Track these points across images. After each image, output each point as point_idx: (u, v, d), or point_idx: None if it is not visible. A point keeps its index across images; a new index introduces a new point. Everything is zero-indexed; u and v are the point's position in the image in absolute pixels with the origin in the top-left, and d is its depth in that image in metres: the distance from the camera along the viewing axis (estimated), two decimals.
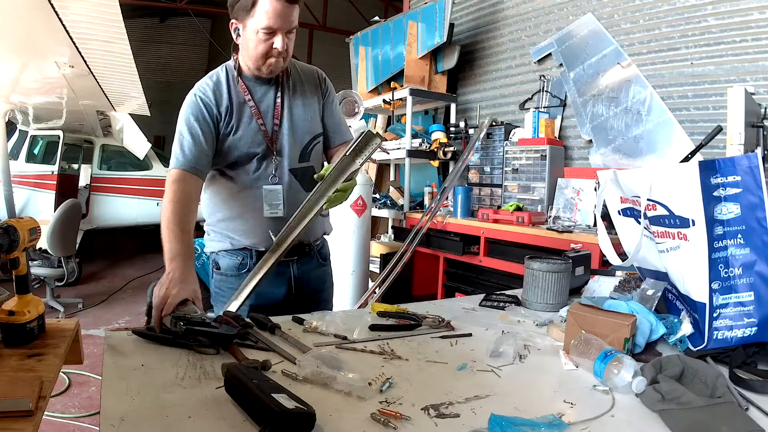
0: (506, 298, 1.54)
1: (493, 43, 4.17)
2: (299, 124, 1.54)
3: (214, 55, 13.25)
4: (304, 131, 1.55)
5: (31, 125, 6.11)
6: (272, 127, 1.50)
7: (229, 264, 1.55)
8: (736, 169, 1.08)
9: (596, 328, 1.07)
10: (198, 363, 0.98)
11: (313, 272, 1.62)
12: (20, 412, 0.73)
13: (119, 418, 0.76)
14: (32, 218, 1.05)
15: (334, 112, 1.65)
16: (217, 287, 1.58)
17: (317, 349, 1.05)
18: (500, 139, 3.56)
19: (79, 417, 2.75)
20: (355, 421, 0.79)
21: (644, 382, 0.90)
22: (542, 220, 3.05)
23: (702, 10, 2.80)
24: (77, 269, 5.64)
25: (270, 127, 1.50)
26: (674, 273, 1.22)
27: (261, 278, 1.40)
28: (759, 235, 1.07)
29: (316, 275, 1.64)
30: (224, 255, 1.55)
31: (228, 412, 0.80)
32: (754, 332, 1.07)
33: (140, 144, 6.49)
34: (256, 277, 1.40)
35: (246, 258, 1.53)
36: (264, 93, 1.51)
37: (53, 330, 1.04)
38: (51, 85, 4.53)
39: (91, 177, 6.65)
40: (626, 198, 1.38)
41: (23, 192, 6.00)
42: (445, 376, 0.99)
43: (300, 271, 1.58)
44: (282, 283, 1.56)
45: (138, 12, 11.73)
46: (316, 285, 1.64)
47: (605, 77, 3.25)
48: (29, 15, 3.10)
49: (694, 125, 2.81)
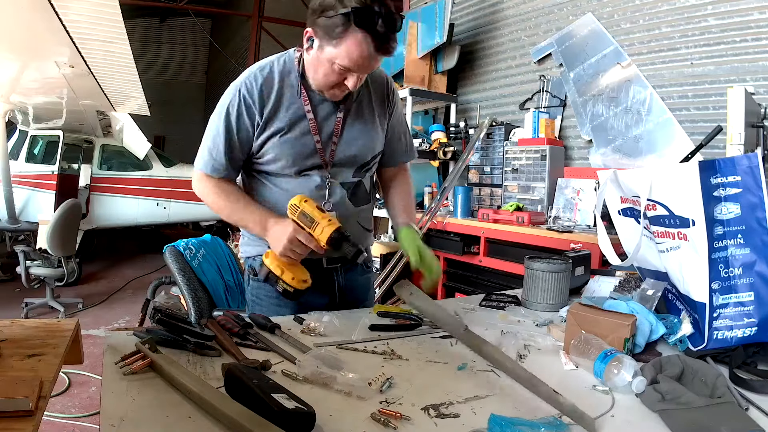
0: (506, 298, 1.54)
1: (493, 43, 4.17)
2: (359, 144, 1.41)
3: (214, 55, 13.26)
4: (363, 151, 1.43)
5: (31, 125, 6.12)
6: (329, 145, 1.38)
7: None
8: (736, 169, 1.08)
9: (596, 328, 1.07)
10: (198, 363, 0.98)
11: (357, 280, 1.54)
12: (20, 412, 0.73)
13: (119, 418, 0.76)
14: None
15: (396, 128, 1.53)
16: (254, 295, 1.47)
17: (317, 349, 1.05)
18: (500, 139, 3.56)
19: (79, 417, 2.75)
20: (355, 421, 0.79)
21: (644, 382, 0.90)
22: (542, 220, 3.05)
23: (702, 10, 2.79)
24: (77, 269, 5.64)
25: (326, 144, 1.38)
26: (674, 273, 1.22)
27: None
28: (759, 235, 1.07)
29: (361, 283, 1.56)
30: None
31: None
32: (754, 332, 1.07)
33: (140, 144, 6.50)
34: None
35: None
36: (323, 105, 1.37)
37: (53, 330, 1.04)
38: (51, 85, 4.54)
39: (91, 177, 6.65)
40: (626, 198, 1.38)
41: (23, 192, 6.00)
42: (445, 376, 0.99)
43: (344, 279, 1.50)
44: (326, 292, 1.48)
45: (138, 12, 11.74)
46: (360, 293, 1.56)
47: (605, 77, 3.25)
48: (29, 15, 3.11)
49: (694, 125, 2.80)
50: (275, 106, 1.33)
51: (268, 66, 1.35)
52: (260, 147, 1.36)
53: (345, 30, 1.17)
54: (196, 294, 1.79)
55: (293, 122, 1.34)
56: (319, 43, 1.24)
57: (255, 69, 1.35)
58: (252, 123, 1.33)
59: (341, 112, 1.38)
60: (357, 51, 1.19)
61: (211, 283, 1.88)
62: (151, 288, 3.69)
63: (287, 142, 1.34)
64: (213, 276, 1.90)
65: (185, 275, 1.80)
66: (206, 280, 1.86)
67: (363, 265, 1.55)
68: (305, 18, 1.28)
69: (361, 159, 1.44)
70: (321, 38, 1.22)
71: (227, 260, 2.00)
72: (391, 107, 1.50)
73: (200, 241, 1.95)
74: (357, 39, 1.17)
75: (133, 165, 6.83)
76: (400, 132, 1.55)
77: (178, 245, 1.87)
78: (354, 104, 1.41)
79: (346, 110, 1.39)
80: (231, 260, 2.01)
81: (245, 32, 11.44)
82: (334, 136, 1.38)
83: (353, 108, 1.41)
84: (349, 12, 1.15)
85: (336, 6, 1.17)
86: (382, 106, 1.47)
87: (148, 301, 3.44)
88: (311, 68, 1.30)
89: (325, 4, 1.19)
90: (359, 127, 1.42)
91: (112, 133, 6.60)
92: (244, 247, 1.51)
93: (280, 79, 1.34)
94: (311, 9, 1.23)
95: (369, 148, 1.45)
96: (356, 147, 1.41)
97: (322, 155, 1.37)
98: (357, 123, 1.41)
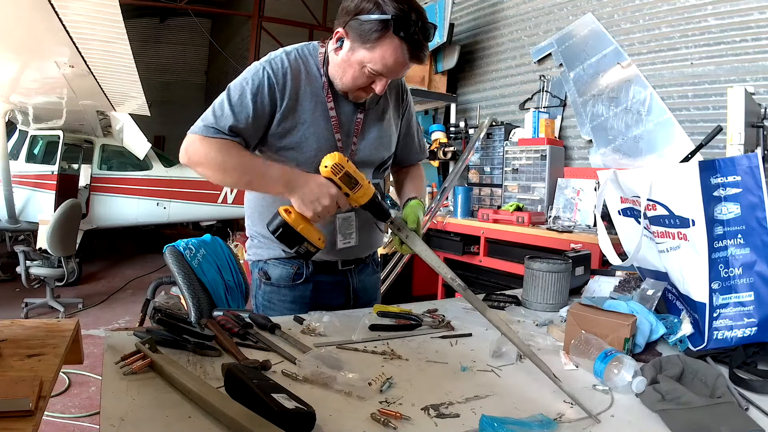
0: (506, 298, 1.54)
1: (493, 43, 4.17)
2: (378, 144, 1.42)
3: (214, 55, 13.26)
4: (381, 152, 1.44)
5: (31, 125, 6.11)
6: (350, 145, 1.37)
7: (281, 274, 1.42)
8: (736, 169, 1.08)
9: (596, 328, 1.07)
10: (198, 363, 0.98)
11: (368, 280, 1.55)
12: (20, 412, 0.73)
13: (119, 418, 0.76)
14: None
15: (412, 129, 1.55)
16: (267, 299, 1.45)
17: (317, 349, 1.05)
18: (500, 139, 3.56)
19: (79, 417, 2.75)
20: (355, 421, 0.79)
21: (644, 382, 0.90)
22: (542, 220, 3.05)
23: (702, 10, 2.79)
24: (77, 269, 5.64)
25: (347, 144, 1.37)
26: (674, 273, 1.22)
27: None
28: (759, 235, 1.07)
29: (371, 282, 1.58)
30: (275, 264, 1.43)
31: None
32: (754, 332, 1.07)
33: (140, 144, 6.50)
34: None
35: (302, 267, 1.41)
36: (345, 104, 1.36)
37: (53, 330, 1.04)
38: (51, 85, 4.54)
39: (91, 177, 6.64)
40: (626, 198, 1.38)
41: (23, 192, 6.00)
42: (445, 376, 0.99)
43: (357, 279, 1.51)
44: (341, 293, 1.49)
45: (138, 12, 11.73)
46: (372, 292, 1.58)
47: (605, 77, 3.25)
48: (29, 15, 3.11)
49: (694, 125, 2.81)
50: (299, 95, 1.30)
51: (293, 52, 1.32)
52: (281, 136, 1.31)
53: (382, 35, 1.17)
54: (196, 294, 1.79)
55: (316, 117, 1.32)
56: (351, 45, 1.22)
57: (280, 53, 1.32)
58: (272, 103, 1.28)
59: (362, 113, 1.38)
60: (392, 57, 1.19)
61: (211, 283, 1.87)
62: (151, 288, 3.68)
63: (311, 136, 1.31)
64: (213, 276, 1.90)
65: (185, 275, 1.80)
66: (206, 280, 1.86)
67: (373, 264, 1.57)
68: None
69: (379, 159, 1.44)
70: (353, 40, 1.21)
71: (227, 260, 2.00)
72: (405, 107, 1.51)
73: (200, 241, 1.95)
74: (393, 45, 1.18)
75: (133, 165, 6.83)
76: (414, 131, 1.57)
77: (178, 245, 1.86)
78: (376, 106, 1.42)
79: (367, 111, 1.39)
80: (231, 260, 2.01)
81: (245, 32, 11.43)
82: (354, 136, 1.38)
83: (374, 110, 1.42)
84: (389, 18, 1.15)
85: (374, 10, 1.16)
86: (396, 107, 1.49)
87: (148, 301, 3.44)
88: (339, 69, 1.28)
89: (362, 7, 1.18)
90: (378, 128, 1.42)
91: (112, 133, 6.59)
92: (255, 249, 1.47)
93: (305, 70, 1.32)
94: (344, 9, 1.22)
95: (386, 149, 1.46)
96: (375, 147, 1.42)
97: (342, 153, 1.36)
98: (376, 124, 1.42)
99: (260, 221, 1.42)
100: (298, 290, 1.42)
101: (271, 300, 1.45)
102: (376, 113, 1.42)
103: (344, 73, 1.27)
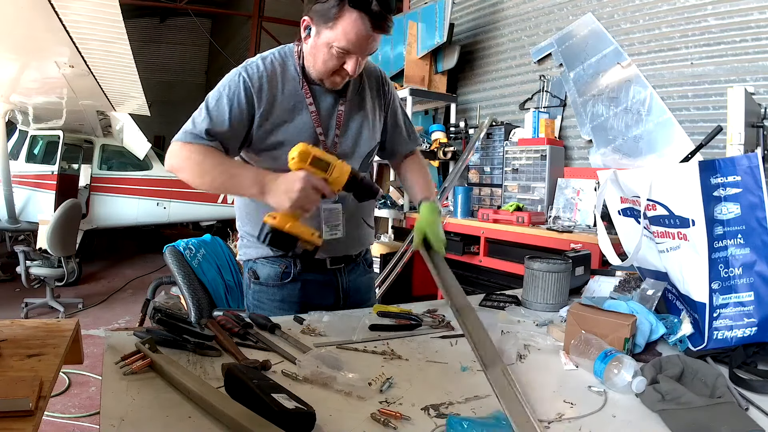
0: (506, 298, 1.54)
1: (493, 43, 4.17)
2: (362, 135, 1.42)
3: (214, 55, 13.26)
4: (365, 143, 1.43)
5: (31, 125, 6.12)
6: (333, 139, 1.37)
7: (269, 273, 1.43)
8: (736, 169, 1.08)
9: (596, 328, 1.07)
10: (198, 363, 0.98)
11: (359, 280, 1.54)
12: (20, 412, 0.73)
13: (119, 418, 0.76)
14: None
15: (398, 119, 1.55)
16: (256, 299, 1.45)
17: (317, 349, 1.05)
18: (500, 139, 3.56)
19: (79, 417, 2.75)
20: (355, 421, 0.79)
21: (644, 382, 0.90)
22: (542, 220, 3.05)
23: (702, 10, 2.79)
24: (77, 269, 5.64)
25: (330, 139, 1.37)
26: (674, 273, 1.22)
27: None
28: (759, 235, 1.07)
29: (363, 282, 1.56)
30: (264, 263, 1.43)
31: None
32: (754, 332, 1.07)
33: (140, 144, 6.50)
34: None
35: (289, 266, 1.41)
36: (324, 97, 1.37)
37: (53, 330, 1.04)
38: (51, 85, 4.54)
39: (91, 177, 6.65)
40: (626, 198, 1.38)
41: (23, 192, 6.00)
42: (445, 376, 0.99)
43: (347, 279, 1.50)
44: (330, 293, 1.48)
45: (138, 12, 11.74)
46: (364, 293, 1.56)
47: (605, 77, 3.25)
48: (29, 15, 3.11)
49: (694, 125, 2.80)
50: (276, 97, 1.32)
51: (269, 56, 1.35)
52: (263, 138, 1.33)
53: (340, 11, 1.18)
54: (196, 294, 1.79)
55: (295, 114, 1.34)
56: (316, 29, 1.25)
57: (257, 59, 1.35)
58: (249, 106, 1.29)
59: (342, 105, 1.39)
60: (353, 31, 1.19)
61: (211, 283, 1.88)
62: (151, 288, 3.69)
63: (290, 133, 1.33)
64: (213, 276, 1.90)
65: (185, 275, 1.80)
66: (206, 280, 1.86)
67: (365, 264, 1.56)
68: None
69: (364, 151, 1.44)
70: (317, 24, 1.23)
71: (227, 260, 2.00)
72: (387, 99, 1.51)
73: (200, 241, 1.95)
74: (353, 18, 1.18)
75: (133, 165, 6.83)
76: (401, 122, 1.56)
77: (178, 245, 1.87)
78: (356, 97, 1.43)
79: (344, 98, 1.39)
80: (231, 260, 2.01)
81: (245, 32, 11.44)
82: (336, 128, 1.38)
83: (355, 101, 1.42)
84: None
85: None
86: (378, 98, 1.49)
87: (148, 301, 3.44)
88: (311, 56, 1.30)
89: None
90: (360, 120, 1.43)
91: (112, 133, 6.60)
92: (245, 249, 1.48)
93: (282, 72, 1.34)
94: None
95: (371, 138, 1.46)
96: (358, 139, 1.42)
97: (325, 147, 1.35)
98: (358, 116, 1.43)
99: (248, 220, 1.46)
100: (287, 289, 1.42)
101: (260, 299, 1.45)
102: (358, 104, 1.43)
103: (315, 59, 1.28)
